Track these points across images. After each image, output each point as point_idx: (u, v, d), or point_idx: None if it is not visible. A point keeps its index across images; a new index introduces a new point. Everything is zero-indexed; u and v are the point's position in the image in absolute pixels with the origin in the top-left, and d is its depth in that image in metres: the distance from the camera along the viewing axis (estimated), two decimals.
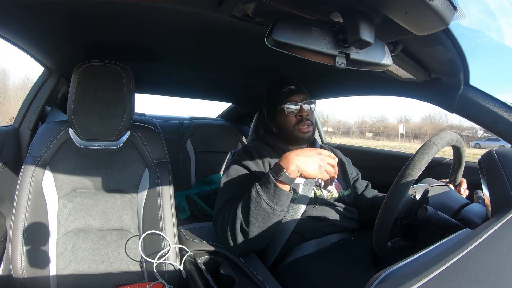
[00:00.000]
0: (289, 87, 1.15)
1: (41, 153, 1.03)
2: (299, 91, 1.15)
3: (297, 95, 1.13)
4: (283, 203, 0.88)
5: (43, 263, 0.97)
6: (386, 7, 0.58)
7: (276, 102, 1.16)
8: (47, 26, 0.97)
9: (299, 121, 1.12)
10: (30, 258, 0.95)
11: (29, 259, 0.95)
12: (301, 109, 1.12)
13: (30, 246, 0.96)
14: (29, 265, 0.95)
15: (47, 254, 0.99)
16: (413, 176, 0.75)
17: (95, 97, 1.05)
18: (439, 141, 0.79)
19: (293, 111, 1.12)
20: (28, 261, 0.95)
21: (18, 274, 0.94)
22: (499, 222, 0.54)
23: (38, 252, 0.97)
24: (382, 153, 1.86)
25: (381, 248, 0.79)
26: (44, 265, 0.97)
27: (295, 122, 1.12)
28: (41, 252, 0.98)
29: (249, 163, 1.06)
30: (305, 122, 1.12)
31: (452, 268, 0.40)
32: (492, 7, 0.89)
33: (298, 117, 1.12)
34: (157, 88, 2.04)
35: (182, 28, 0.95)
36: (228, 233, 0.93)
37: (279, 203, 0.87)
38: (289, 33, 0.61)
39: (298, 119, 1.12)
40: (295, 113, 1.12)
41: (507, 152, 0.68)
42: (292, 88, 1.14)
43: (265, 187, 0.87)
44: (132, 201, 1.10)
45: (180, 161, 2.10)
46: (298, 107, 1.12)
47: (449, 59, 0.90)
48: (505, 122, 0.95)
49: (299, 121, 1.12)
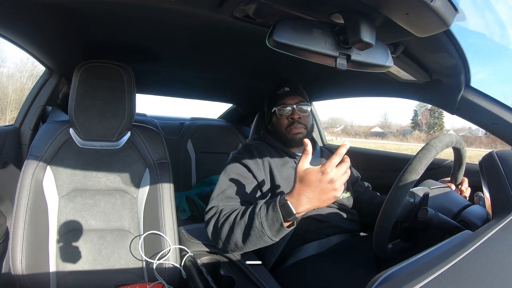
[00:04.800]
0: (283, 89, 1.15)
1: (42, 153, 1.03)
2: (293, 93, 1.14)
3: (291, 98, 1.13)
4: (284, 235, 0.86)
5: (43, 263, 0.97)
6: (387, 8, 0.58)
7: (271, 104, 1.16)
8: (49, 26, 0.98)
9: (290, 123, 1.12)
10: (30, 257, 0.95)
11: (29, 258, 0.95)
12: (293, 112, 1.11)
13: (30, 246, 0.96)
14: (29, 265, 0.95)
15: (47, 254, 0.99)
16: (411, 181, 0.74)
17: (96, 97, 1.05)
18: (437, 144, 0.78)
19: (285, 113, 1.12)
20: (28, 261, 0.95)
21: (18, 273, 0.94)
22: (500, 224, 0.54)
23: (38, 252, 0.97)
24: (382, 154, 1.86)
25: (381, 250, 0.79)
26: (44, 265, 0.97)
27: (287, 124, 1.12)
28: (41, 252, 0.98)
29: (249, 161, 1.06)
30: (296, 125, 1.11)
31: (452, 270, 0.40)
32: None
33: (289, 119, 1.12)
34: (158, 89, 2.04)
35: (183, 28, 0.96)
36: (220, 241, 0.91)
37: (280, 236, 0.85)
38: (290, 34, 0.61)
39: (289, 121, 1.12)
40: (287, 115, 1.12)
41: (507, 154, 0.68)
42: (287, 90, 1.14)
43: (271, 223, 0.81)
44: (133, 201, 1.10)
45: (180, 162, 2.11)
46: (291, 109, 1.11)
47: (450, 60, 0.90)
48: (505, 124, 0.94)
49: (290, 123, 1.12)
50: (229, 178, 1.02)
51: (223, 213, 0.93)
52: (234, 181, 1.02)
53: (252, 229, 0.83)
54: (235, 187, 1.00)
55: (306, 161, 0.81)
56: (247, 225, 0.85)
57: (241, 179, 1.02)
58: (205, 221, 0.98)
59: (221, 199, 0.98)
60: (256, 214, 0.84)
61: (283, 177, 1.06)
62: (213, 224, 0.93)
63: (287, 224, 0.81)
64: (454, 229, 0.75)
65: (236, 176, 1.03)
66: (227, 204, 0.97)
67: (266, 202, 0.86)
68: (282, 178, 1.06)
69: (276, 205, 0.81)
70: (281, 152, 1.13)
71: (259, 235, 0.83)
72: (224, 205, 0.96)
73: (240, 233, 0.86)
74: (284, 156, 1.12)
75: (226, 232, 0.89)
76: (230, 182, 1.01)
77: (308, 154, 0.81)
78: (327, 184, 0.76)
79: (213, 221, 0.94)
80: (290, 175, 1.08)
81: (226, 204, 0.97)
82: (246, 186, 1.01)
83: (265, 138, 1.19)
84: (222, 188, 1.01)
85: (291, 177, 1.08)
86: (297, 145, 1.15)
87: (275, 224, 0.81)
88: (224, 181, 1.02)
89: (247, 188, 1.01)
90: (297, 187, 0.80)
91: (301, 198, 0.78)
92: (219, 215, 0.93)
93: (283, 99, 1.13)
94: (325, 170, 0.76)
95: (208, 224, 0.95)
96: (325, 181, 0.77)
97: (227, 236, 0.89)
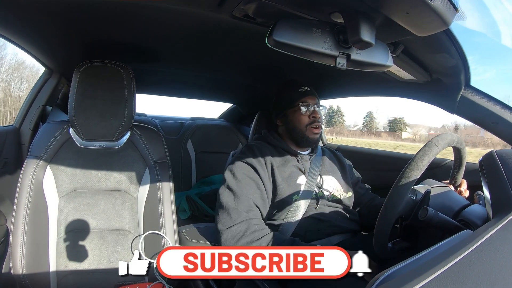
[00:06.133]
0: (304, 88, 1.16)
1: (42, 153, 1.03)
2: (313, 93, 1.16)
3: (311, 97, 1.15)
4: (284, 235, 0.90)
5: (43, 263, 0.97)
6: (387, 8, 0.58)
7: (291, 100, 1.16)
8: (48, 26, 0.98)
9: (312, 121, 1.13)
10: (30, 257, 0.95)
11: (29, 258, 0.95)
12: (314, 110, 1.13)
13: (30, 246, 0.96)
14: (29, 265, 0.95)
15: (47, 254, 0.99)
16: (413, 177, 0.74)
17: (96, 97, 1.05)
18: (440, 142, 0.78)
19: (307, 111, 1.13)
20: (28, 261, 0.95)
21: (18, 273, 0.94)
22: (500, 223, 0.54)
23: (38, 252, 0.97)
24: (383, 154, 1.86)
25: (381, 249, 0.79)
26: (44, 265, 0.98)
27: (308, 122, 1.13)
28: (41, 252, 0.98)
29: (253, 160, 1.06)
30: (317, 124, 1.13)
31: (452, 269, 0.40)
32: None
33: (311, 117, 1.13)
34: (158, 88, 2.04)
35: (183, 28, 0.96)
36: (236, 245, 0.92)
37: None
38: (290, 34, 0.61)
39: (311, 120, 1.13)
40: (309, 113, 1.13)
41: (508, 153, 0.68)
42: (308, 90, 1.16)
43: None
44: (133, 201, 1.10)
45: (180, 162, 2.10)
46: (312, 108, 1.13)
47: (450, 59, 0.90)
48: (505, 123, 0.94)
49: (312, 121, 1.13)
50: (238, 180, 1.02)
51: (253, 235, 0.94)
52: (243, 183, 1.02)
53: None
54: (246, 190, 1.00)
55: None
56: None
57: (250, 181, 1.02)
58: (217, 221, 0.98)
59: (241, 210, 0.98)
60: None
61: (284, 177, 1.06)
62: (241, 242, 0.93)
63: None
64: (454, 228, 0.75)
65: (244, 177, 1.03)
66: (251, 217, 0.97)
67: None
68: (283, 178, 1.06)
69: None
70: (282, 151, 1.13)
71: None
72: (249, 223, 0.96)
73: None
74: (285, 155, 1.12)
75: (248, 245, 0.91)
76: (240, 185, 1.01)
77: None
78: None
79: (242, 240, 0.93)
80: (292, 173, 1.08)
81: (249, 217, 0.97)
82: (255, 189, 1.02)
83: (267, 137, 1.18)
84: (235, 191, 1.00)
85: (293, 175, 1.08)
86: (310, 146, 1.16)
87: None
88: (233, 183, 1.02)
89: (255, 190, 1.02)
90: None
91: None
92: (243, 232, 0.94)
93: (305, 97, 1.14)
94: None
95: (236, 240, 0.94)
96: None
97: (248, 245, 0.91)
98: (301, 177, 1.09)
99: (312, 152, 1.17)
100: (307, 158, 1.14)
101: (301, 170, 1.10)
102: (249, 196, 1.00)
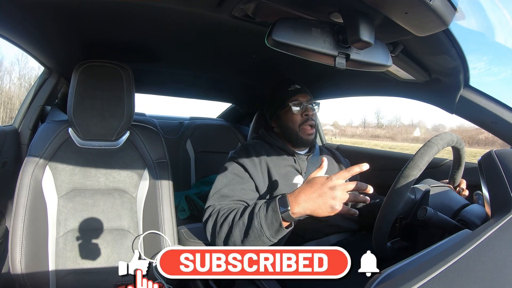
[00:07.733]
0: (295, 86, 1.16)
1: (41, 153, 1.03)
2: (304, 91, 1.16)
3: (302, 95, 1.14)
4: (282, 237, 0.87)
5: (42, 263, 0.97)
6: (386, 8, 0.58)
7: (282, 101, 1.15)
8: (47, 26, 0.98)
9: (304, 120, 1.12)
10: (30, 257, 0.95)
11: (28, 258, 0.95)
12: (306, 108, 1.12)
13: (29, 246, 0.96)
14: (28, 265, 0.95)
15: (47, 254, 0.98)
16: (413, 176, 0.74)
17: (95, 97, 1.05)
18: (439, 142, 0.78)
19: (299, 110, 1.12)
20: (28, 261, 0.95)
21: (17, 273, 0.94)
22: (499, 223, 0.54)
23: (37, 252, 0.97)
24: (382, 154, 1.86)
25: (380, 248, 0.79)
26: (44, 264, 0.97)
27: (300, 121, 1.12)
28: (40, 252, 0.98)
29: (245, 160, 1.06)
30: (310, 122, 1.12)
31: (451, 268, 0.41)
32: None
33: (304, 116, 1.13)
34: (157, 88, 2.04)
35: (182, 28, 0.95)
36: (218, 241, 0.91)
37: (278, 236, 0.85)
38: (289, 34, 0.61)
39: (304, 118, 1.12)
40: (301, 111, 1.13)
41: (507, 153, 0.68)
42: (298, 88, 1.15)
43: (271, 223, 0.83)
44: (132, 201, 1.10)
45: (180, 161, 2.10)
46: (304, 106, 1.12)
47: (449, 59, 0.90)
48: (505, 123, 0.94)
49: (304, 120, 1.12)
50: (225, 177, 1.03)
51: (221, 213, 0.93)
52: (230, 180, 1.02)
53: (251, 229, 0.84)
54: (231, 186, 1.01)
55: (319, 173, 0.86)
56: (246, 225, 0.86)
57: (237, 179, 1.02)
58: (203, 222, 0.98)
59: (217, 198, 0.99)
60: (255, 214, 0.85)
61: (281, 175, 1.06)
62: (211, 224, 0.94)
63: (286, 224, 0.83)
64: (453, 228, 0.75)
65: (232, 175, 1.03)
66: (223, 203, 0.97)
67: (266, 202, 0.87)
68: (280, 176, 1.06)
69: (276, 205, 0.82)
70: (279, 151, 1.13)
71: (258, 235, 0.84)
72: (221, 205, 0.97)
73: (238, 233, 0.87)
74: (282, 154, 1.12)
75: (224, 232, 0.89)
76: (226, 182, 1.02)
77: (322, 168, 0.87)
78: (328, 189, 0.80)
79: (211, 222, 0.94)
80: (288, 172, 1.08)
81: (222, 203, 0.97)
82: (242, 186, 1.02)
83: (264, 137, 1.18)
84: (218, 187, 1.01)
85: (289, 175, 1.08)
86: (306, 146, 1.16)
87: (274, 224, 0.82)
88: (220, 180, 1.03)
89: (243, 188, 1.02)
90: (301, 187, 0.84)
91: (299, 196, 0.82)
92: (217, 215, 0.94)
93: (295, 95, 1.13)
94: (331, 177, 0.81)
95: (206, 225, 0.96)
96: (327, 185, 0.80)
97: (226, 236, 0.89)
98: (297, 177, 1.08)
99: (309, 151, 1.17)
100: (304, 158, 1.14)
101: (297, 170, 1.10)
102: (234, 194, 0.99)
